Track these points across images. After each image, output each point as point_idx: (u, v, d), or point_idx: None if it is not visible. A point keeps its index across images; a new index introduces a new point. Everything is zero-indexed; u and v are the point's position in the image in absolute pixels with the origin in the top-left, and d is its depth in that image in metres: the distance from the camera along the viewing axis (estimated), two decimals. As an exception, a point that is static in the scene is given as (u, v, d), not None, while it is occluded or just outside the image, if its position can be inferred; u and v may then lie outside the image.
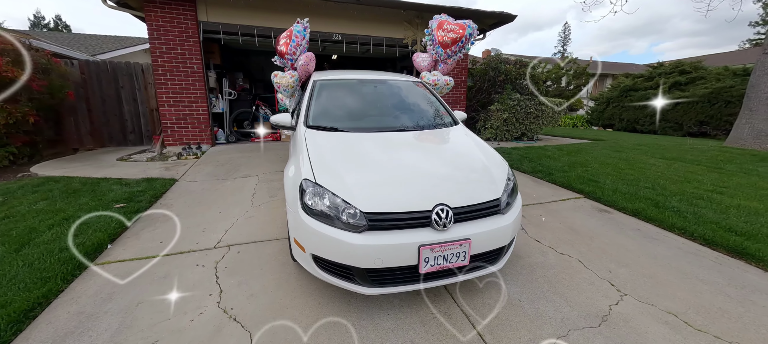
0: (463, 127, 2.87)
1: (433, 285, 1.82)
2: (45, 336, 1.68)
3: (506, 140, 7.81)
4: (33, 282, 2.02)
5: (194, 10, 5.82)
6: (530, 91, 7.82)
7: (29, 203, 3.22)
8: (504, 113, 7.47)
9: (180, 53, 5.87)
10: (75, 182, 3.99)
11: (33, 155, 5.76)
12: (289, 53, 4.54)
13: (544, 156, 5.87)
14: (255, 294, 2.04)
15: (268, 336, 1.70)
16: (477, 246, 1.80)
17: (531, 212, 3.42)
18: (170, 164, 5.19)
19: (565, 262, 2.46)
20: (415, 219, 1.72)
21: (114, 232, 2.75)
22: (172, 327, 1.75)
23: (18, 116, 5.02)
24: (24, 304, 1.83)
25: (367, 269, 1.69)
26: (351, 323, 1.80)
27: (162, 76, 5.88)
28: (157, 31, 5.70)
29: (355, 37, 6.93)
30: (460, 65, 7.78)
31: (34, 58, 5.36)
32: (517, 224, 2.03)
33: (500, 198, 1.94)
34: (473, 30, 4.54)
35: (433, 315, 1.88)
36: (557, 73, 16.76)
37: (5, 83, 4.88)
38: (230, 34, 6.20)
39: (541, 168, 4.97)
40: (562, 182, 4.33)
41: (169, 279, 2.17)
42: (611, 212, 3.46)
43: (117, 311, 1.87)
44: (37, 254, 2.32)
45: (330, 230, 1.71)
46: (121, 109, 7.04)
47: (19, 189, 3.68)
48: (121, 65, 6.99)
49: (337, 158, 2.10)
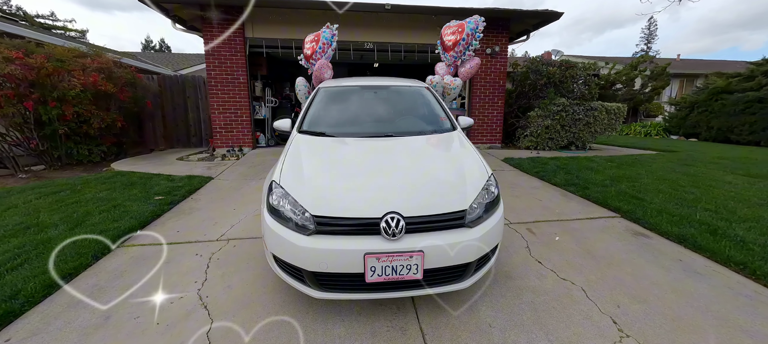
0: (459, 133, 2.72)
1: (384, 296, 1.75)
2: (63, 300, 2.04)
3: (549, 149, 7.10)
4: (71, 256, 2.45)
5: (242, 28, 6.54)
6: (580, 94, 7.00)
7: (95, 192, 3.93)
8: (546, 120, 6.81)
9: (229, 66, 6.63)
10: (135, 176, 4.76)
11: (119, 153, 7.02)
12: (314, 58, 4.81)
13: (586, 168, 5.19)
14: (232, 286, 2.19)
15: (223, 326, 1.81)
16: (433, 260, 1.69)
17: (544, 229, 3.06)
18: (213, 164, 5.85)
19: (564, 289, 2.15)
20: (363, 226, 1.69)
21: (145, 221, 3.20)
22: (154, 307, 1.98)
23: (109, 120, 6.15)
24: (59, 273, 2.24)
25: (314, 272, 1.71)
26: (302, 324, 1.82)
27: (214, 87, 6.70)
28: (212, 48, 6.52)
29: (386, 45, 7.03)
30: (496, 68, 7.36)
31: (122, 75, 6.55)
32: (490, 240, 1.85)
33: (466, 210, 1.79)
34: (476, 25, 4.29)
35: (387, 328, 1.80)
36: (628, 75, 14.76)
37: (101, 95, 6.04)
38: (271, 48, 6.80)
39: (577, 181, 4.41)
40: (596, 197, 3.78)
41: (170, 264, 2.45)
42: (649, 237, 2.92)
43: (121, 287, 2.17)
44: (84, 233, 2.82)
45: (283, 230, 1.77)
46: (186, 116, 8.18)
47: (95, 180, 4.52)
48: (188, 78, 8.15)
49: (310, 162, 2.17)
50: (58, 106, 5.30)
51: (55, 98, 5.23)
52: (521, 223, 3.19)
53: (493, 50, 7.20)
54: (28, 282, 2.10)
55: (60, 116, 5.38)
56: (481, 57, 7.23)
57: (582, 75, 7.18)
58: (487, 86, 7.43)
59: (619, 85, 15.16)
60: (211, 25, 6.46)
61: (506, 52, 7.37)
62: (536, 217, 3.35)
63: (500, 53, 7.31)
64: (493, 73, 7.37)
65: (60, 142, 5.67)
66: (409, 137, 2.61)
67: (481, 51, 7.25)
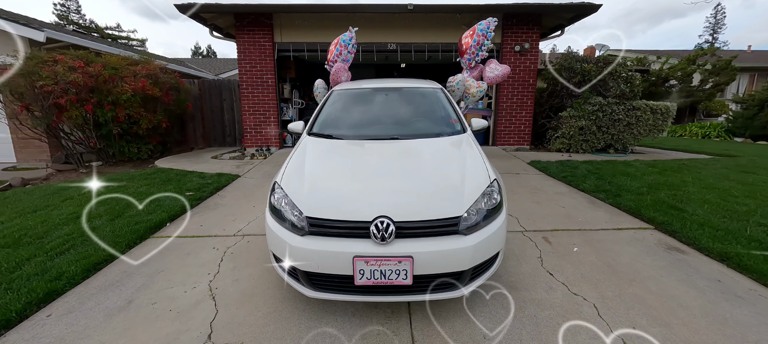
0: (469, 136, 2.63)
1: (374, 299, 1.76)
2: (97, 283, 2.29)
3: (583, 151, 6.61)
4: (111, 243, 2.75)
5: (271, 33, 6.87)
6: (619, 92, 6.43)
7: (137, 187, 4.36)
8: (580, 121, 6.35)
9: (258, 70, 7.00)
10: (172, 173, 5.20)
11: (163, 151, 7.70)
12: (333, 61, 4.93)
13: (622, 173, 4.76)
14: (239, 279, 2.32)
15: (226, 316, 1.93)
16: (423, 267, 1.66)
17: (563, 238, 2.87)
18: (242, 163, 6.22)
19: (574, 305, 2.00)
20: (353, 229, 1.70)
21: (175, 214, 3.49)
22: (170, 295, 2.16)
23: (155, 122, 6.78)
24: (97, 260, 2.52)
25: (307, 272, 1.76)
26: (297, 321, 1.88)
27: (245, 90, 7.11)
28: (243, 53, 6.94)
29: (409, 45, 6.99)
30: (526, 66, 7.00)
31: (167, 80, 7.18)
32: (486, 249, 1.78)
33: (461, 217, 1.74)
34: (487, 25, 4.14)
35: (379, 332, 1.81)
36: (685, 70, 13.28)
37: (148, 99, 6.67)
38: (298, 51, 7.06)
39: (609, 188, 4.07)
40: (628, 206, 3.46)
41: (189, 256, 2.66)
42: (685, 253, 2.62)
43: (146, 274, 2.40)
44: (121, 224, 3.14)
45: (281, 230, 1.84)
46: (222, 117, 8.76)
47: (139, 176, 5.02)
48: (224, 82, 8.73)
49: (312, 165, 2.23)
50: (113, 109, 5.94)
51: (110, 102, 5.87)
52: (538, 231, 3.02)
53: (522, 47, 6.86)
54: (71, 266, 2.39)
55: (114, 118, 6.02)
56: (510, 56, 6.94)
57: (622, 72, 6.58)
58: (515, 85, 7.10)
59: (673, 81, 13.70)
60: (242, 31, 6.86)
61: (537, 49, 6.99)
62: (555, 225, 3.15)
63: (530, 50, 6.95)
64: (521, 71, 7.03)
65: (114, 141, 6.36)
66: (415, 139, 2.58)
67: (510, 49, 6.95)
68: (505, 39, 6.94)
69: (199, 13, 6.52)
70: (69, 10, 30.98)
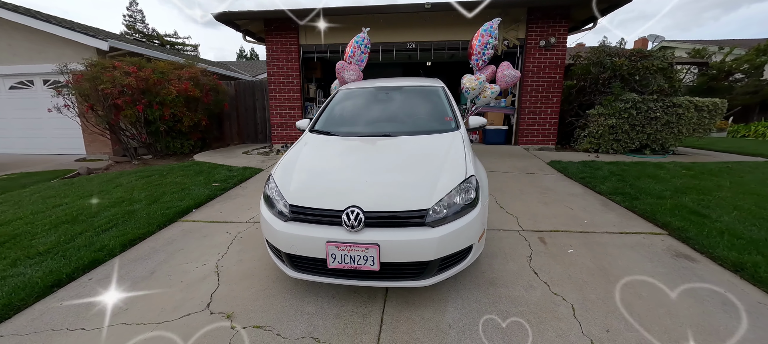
0: (460, 133, 2.68)
1: (345, 282, 1.90)
2: (130, 256, 2.71)
3: (614, 152, 6.16)
4: (145, 224, 3.20)
5: (297, 36, 7.28)
6: (656, 88, 5.89)
7: (174, 177, 4.93)
8: (610, 119, 5.93)
9: (285, 71, 7.46)
10: (205, 166, 5.77)
11: (203, 146, 8.51)
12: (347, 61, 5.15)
13: (649, 175, 4.41)
14: (243, 260, 2.61)
15: (225, 290, 2.21)
16: (389, 255, 1.79)
17: (560, 239, 2.80)
18: (268, 158, 6.69)
19: (550, 304, 2.00)
20: (327, 216, 1.87)
21: (201, 202, 3.93)
22: (185, 269, 2.49)
23: (196, 120, 7.53)
24: (133, 237, 2.96)
25: (288, 254, 1.96)
26: (283, 298, 2.10)
27: (273, 90, 7.62)
28: (272, 55, 7.43)
29: (429, 43, 7.01)
30: (552, 62, 6.68)
31: (206, 82, 7.91)
32: (453, 243, 1.85)
33: (427, 210, 1.83)
34: (490, 25, 4.08)
35: (352, 313, 1.96)
36: (752, 62, 11.69)
37: (190, 99, 7.42)
38: (321, 53, 7.40)
39: (628, 190, 3.82)
40: (643, 210, 3.25)
41: (205, 238, 3.02)
42: (694, 261, 2.44)
43: (169, 251, 2.78)
44: (156, 208, 3.62)
45: (270, 216, 2.07)
46: (255, 115, 9.43)
47: (177, 168, 5.64)
48: (257, 83, 9.38)
49: (305, 159, 2.43)
50: (160, 108, 6.72)
51: (157, 102, 6.65)
52: (535, 231, 2.97)
53: (547, 42, 6.56)
54: (112, 241, 2.85)
55: (161, 117, 6.81)
56: (534, 52, 6.68)
57: (661, 65, 6.01)
58: (539, 82, 6.81)
59: (739, 74, 12.11)
60: (271, 35, 7.36)
61: (564, 44, 6.64)
62: (556, 226, 3.06)
63: (557, 45, 6.61)
64: (547, 67, 6.72)
65: (161, 137, 7.18)
66: (405, 136, 2.68)
67: (534, 44, 6.68)
68: (530, 34, 6.68)
69: (234, 20, 7.11)
70: (135, 20, 34.80)
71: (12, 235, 2.98)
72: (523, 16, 6.63)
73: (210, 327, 1.87)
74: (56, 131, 8.33)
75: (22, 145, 8.81)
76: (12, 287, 2.20)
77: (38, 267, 2.45)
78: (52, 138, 8.58)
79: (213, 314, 1.98)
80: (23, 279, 2.29)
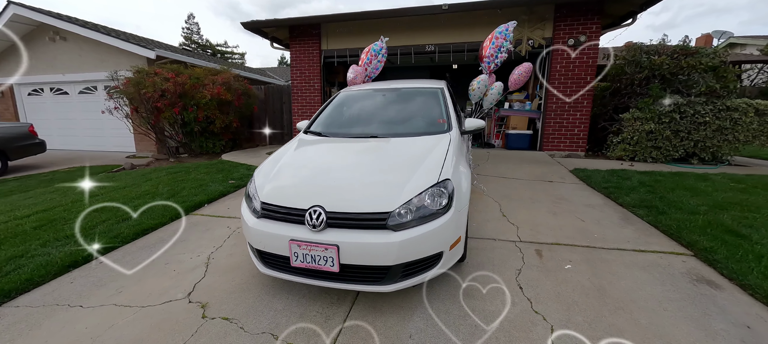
0: (447, 136, 2.57)
1: (309, 281, 1.90)
2: (140, 244, 2.96)
3: (653, 160, 5.51)
4: (159, 216, 3.49)
5: (319, 41, 7.53)
6: (705, 89, 5.17)
7: (197, 174, 5.32)
8: (647, 123, 5.32)
9: (307, 76, 7.74)
10: (228, 164, 6.16)
11: (233, 146, 9.09)
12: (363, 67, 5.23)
13: (687, 188, 3.87)
14: (233, 254, 2.73)
15: (209, 280, 2.32)
16: (349, 256, 1.76)
17: (560, 253, 2.56)
18: (287, 159, 6.96)
19: (527, 323, 1.83)
20: (293, 215, 1.90)
21: (213, 198, 4.19)
22: (180, 259, 2.67)
23: (227, 121, 8.07)
24: (147, 226, 3.24)
25: (259, 250, 2.02)
26: (259, 292, 2.16)
27: (296, 94, 7.94)
28: (295, 60, 7.76)
29: (448, 45, 6.86)
30: (582, 62, 6.17)
31: (238, 86, 8.46)
32: (415, 249, 1.78)
33: (389, 213, 1.78)
34: (505, 27, 3.84)
35: (316, 313, 1.96)
36: None
37: (223, 102, 7.98)
38: (341, 57, 7.57)
39: (655, 203, 3.39)
40: (668, 226, 2.86)
41: (207, 232, 3.21)
42: (719, 287, 2.09)
43: (173, 241, 3.00)
44: (178, 200, 3.93)
45: (245, 211, 2.15)
46: (282, 118, 9.88)
47: (204, 166, 6.09)
48: (284, 87, 9.84)
49: (287, 159, 2.48)
50: (195, 111, 7.32)
51: (192, 105, 7.25)
52: (533, 243, 2.75)
53: (576, 41, 6.09)
54: (127, 230, 3.14)
55: (195, 118, 7.40)
56: (562, 52, 6.25)
57: (711, 63, 5.26)
58: (568, 84, 6.33)
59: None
60: (295, 41, 7.69)
61: (597, 43, 6.11)
62: (559, 239, 2.81)
63: (589, 43, 6.11)
64: (576, 68, 6.23)
65: (195, 137, 7.80)
66: (391, 138, 2.64)
67: (562, 43, 6.24)
68: (557, 33, 6.25)
69: (261, 29, 7.54)
70: (192, 32, 38.40)
71: (50, 220, 3.41)
72: (549, 14, 6.23)
73: (184, 315, 1.97)
74: (113, 130, 9.41)
75: (88, 142, 10.09)
76: (37, 264, 2.51)
77: (62, 248, 2.77)
78: (110, 137, 9.71)
79: (191, 303, 2.09)
80: (48, 258, 2.61)
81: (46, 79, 9.72)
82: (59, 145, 10.27)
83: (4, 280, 2.30)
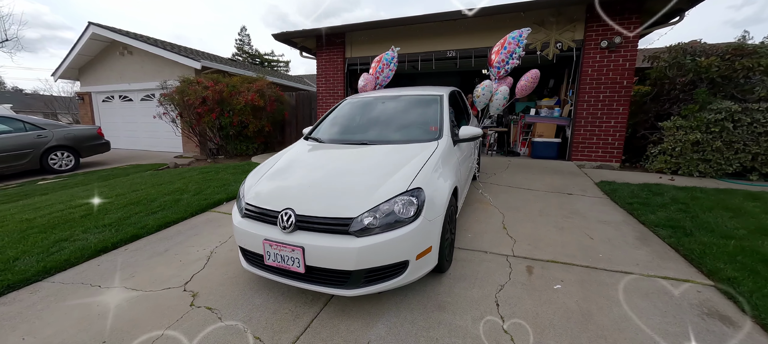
0: (434, 144, 2.56)
1: (279, 279, 2.02)
2: (161, 235, 3.33)
3: (700, 174, 4.85)
4: (183, 211, 3.88)
5: (343, 50, 7.80)
6: (765, 94, 4.45)
7: (224, 174, 5.80)
8: (693, 133, 4.71)
9: (331, 83, 8.05)
10: (253, 166, 6.60)
11: (265, 149, 9.70)
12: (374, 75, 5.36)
13: (727, 207, 3.36)
14: (233, 249, 2.95)
15: (207, 272, 2.55)
16: (313, 258, 1.84)
17: (553, 272, 2.40)
18: (309, 162, 7.29)
19: (492, 341, 1.76)
20: (268, 216, 2.03)
21: (232, 196, 4.54)
22: (188, 251, 2.96)
23: (260, 126, 8.67)
24: (170, 220, 3.63)
25: (241, 247, 2.18)
26: (245, 287, 2.32)
27: (321, 100, 8.29)
28: (321, 68, 8.12)
29: (469, 51, 6.71)
30: (617, 65, 5.65)
31: (270, 93, 9.05)
32: (376, 256, 1.81)
33: (353, 218, 1.82)
34: (519, 33, 3.65)
35: (287, 311, 2.06)
36: None
37: (256, 108, 8.59)
38: (364, 64, 7.76)
39: (684, 223, 3.01)
40: (690, 249, 2.53)
41: (219, 228, 3.50)
42: (735, 326, 1.82)
43: (187, 235, 3.33)
44: (197, 199, 4.34)
45: (234, 209, 2.33)
46: (311, 122, 10.34)
47: (232, 167, 6.61)
48: (313, 93, 10.29)
49: (279, 162, 2.64)
50: (230, 116, 7.98)
51: (229, 111, 7.92)
52: (526, 258, 2.60)
53: (610, 43, 5.60)
54: (153, 221, 3.54)
55: (231, 123, 8.07)
56: (594, 54, 5.82)
57: None
58: (600, 88, 5.84)
59: None
60: (321, 50, 8.05)
61: (636, 44, 5.56)
62: (557, 256, 2.62)
63: (625, 45, 5.59)
64: (611, 71, 5.72)
65: (230, 140, 8.49)
66: (380, 145, 2.69)
67: (594, 45, 5.79)
68: (589, 34, 5.81)
69: (291, 39, 8.02)
70: (244, 43, 41.81)
71: (95, 210, 3.96)
72: (580, 15, 5.82)
73: (176, 301, 2.19)
74: (165, 133, 10.58)
75: (147, 143, 11.45)
76: (75, 248, 2.94)
77: (98, 235, 3.22)
78: (163, 139, 10.93)
79: (185, 291, 2.32)
80: (85, 243, 3.05)
81: (116, 88, 11.24)
82: (125, 145, 11.77)
83: (48, 259, 2.74)
